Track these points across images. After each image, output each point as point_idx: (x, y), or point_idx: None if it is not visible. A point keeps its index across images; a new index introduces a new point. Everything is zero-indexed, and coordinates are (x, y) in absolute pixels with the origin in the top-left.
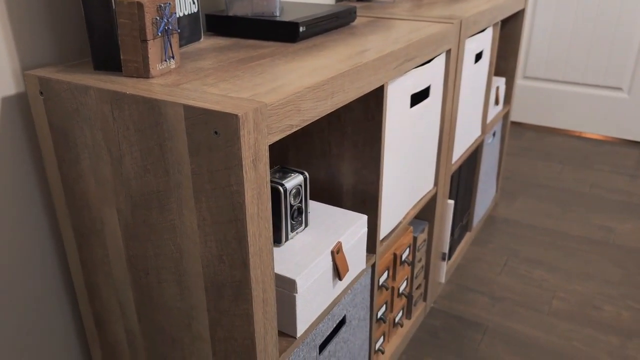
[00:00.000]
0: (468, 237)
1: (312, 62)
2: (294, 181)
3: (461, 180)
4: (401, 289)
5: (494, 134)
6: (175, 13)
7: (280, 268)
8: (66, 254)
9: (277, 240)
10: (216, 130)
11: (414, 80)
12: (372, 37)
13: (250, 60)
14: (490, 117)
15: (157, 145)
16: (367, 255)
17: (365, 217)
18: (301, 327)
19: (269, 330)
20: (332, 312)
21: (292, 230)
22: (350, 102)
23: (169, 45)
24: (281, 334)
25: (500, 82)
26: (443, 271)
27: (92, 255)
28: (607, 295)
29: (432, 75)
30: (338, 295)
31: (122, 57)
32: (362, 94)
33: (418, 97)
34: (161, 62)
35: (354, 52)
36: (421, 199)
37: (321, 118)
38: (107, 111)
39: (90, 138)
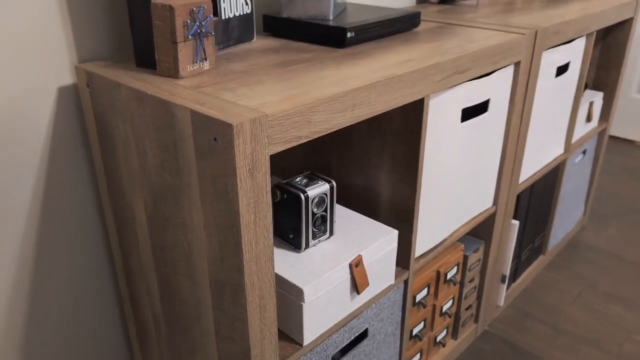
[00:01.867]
0: (541, 260)
1: (346, 70)
2: (318, 189)
3: (534, 199)
4: (445, 308)
5: (584, 152)
6: (210, 16)
7: (292, 275)
8: (109, 237)
9: (297, 246)
10: (215, 137)
11: (468, 94)
12: (426, 46)
13: (285, 65)
14: (578, 135)
15: (172, 144)
16: (398, 271)
17: (395, 232)
18: (309, 336)
19: (266, 336)
20: (350, 324)
21: (313, 238)
22: (391, 111)
23: (201, 47)
24: (289, 339)
25: (596, 96)
26: (502, 294)
27: (127, 240)
28: None
29: (492, 88)
30: (357, 309)
31: (156, 56)
32: (393, 107)
33: (472, 111)
34: (192, 63)
35: (396, 62)
36: (475, 217)
37: (362, 126)
38: (134, 108)
39: (123, 131)
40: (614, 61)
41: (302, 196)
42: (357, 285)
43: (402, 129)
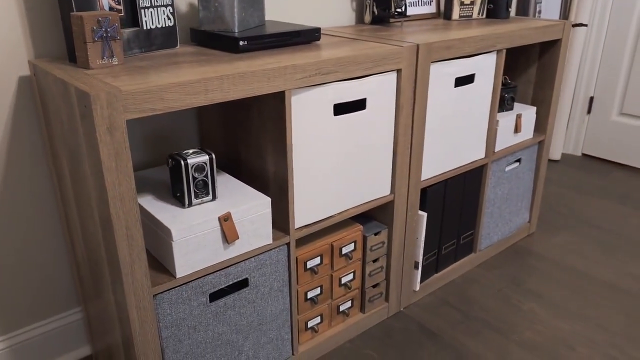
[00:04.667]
0: (472, 258)
1: (217, 67)
2: (198, 159)
3: (452, 197)
4: (344, 280)
5: (518, 161)
6: (116, 25)
7: (167, 220)
8: (55, 192)
9: (182, 203)
10: (85, 104)
11: (338, 92)
12: (307, 54)
13: (180, 63)
14: (505, 144)
15: (71, 112)
16: (279, 234)
17: (268, 199)
18: (181, 271)
19: (136, 260)
20: (227, 270)
21: (196, 198)
22: (270, 101)
23: (108, 47)
24: (167, 271)
25: (527, 110)
26: (416, 280)
27: (64, 193)
28: (589, 339)
29: (368, 90)
30: (232, 258)
31: (76, 53)
32: (249, 96)
33: (348, 107)
34: (101, 59)
35: (267, 62)
36: (370, 201)
37: (254, 114)
38: (55, 89)
39: (53, 106)
40: (548, 79)
41: (183, 163)
42: (226, 236)
43: (274, 116)
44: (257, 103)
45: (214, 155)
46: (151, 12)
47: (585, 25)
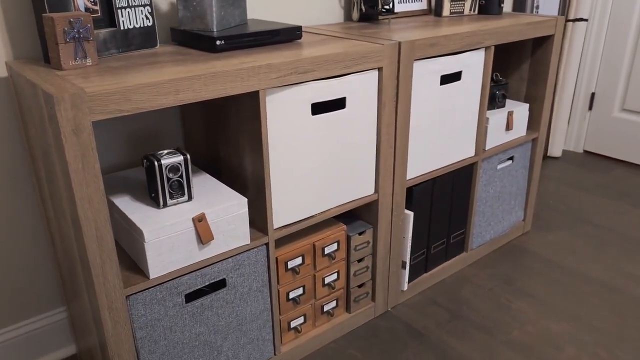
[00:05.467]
0: (464, 257)
1: (191, 67)
2: (172, 159)
3: (439, 195)
4: (328, 280)
5: (511, 159)
6: (88, 25)
7: (140, 221)
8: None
9: (157, 203)
10: (51, 106)
11: (316, 91)
12: (286, 52)
13: (153, 63)
14: (496, 141)
15: (41, 114)
16: (258, 235)
17: (244, 200)
18: (155, 271)
19: (106, 261)
20: (203, 271)
21: (171, 198)
22: (246, 101)
23: (81, 48)
24: (141, 272)
25: (520, 107)
26: (404, 279)
27: (43, 193)
28: (578, 339)
29: (347, 88)
30: (209, 258)
31: (49, 54)
32: (222, 95)
33: (325, 107)
34: (74, 60)
35: (240, 62)
36: (352, 201)
37: (231, 114)
38: (27, 90)
39: (27, 107)
40: (541, 76)
41: (156, 163)
42: (201, 237)
43: (250, 116)
44: (234, 102)
45: (188, 156)
46: (128, 12)
47: (586, 20)
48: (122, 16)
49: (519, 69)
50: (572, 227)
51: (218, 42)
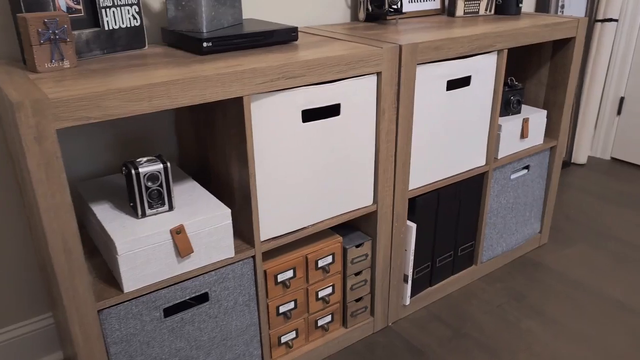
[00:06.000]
0: (473, 270)
1: (174, 70)
2: (151, 168)
3: (446, 206)
4: (322, 294)
5: (527, 168)
6: (65, 26)
7: (115, 232)
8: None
9: (136, 213)
10: (14, 112)
11: (308, 97)
12: (277, 55)
13: (135, 66)
14: (509, 150)
15: (9, 119)
16: (244, 247)
17: (228, 211)
18: (130, 285)
19: (76, 274)
20: (183, 284)
21: (150, 208)
22: (232, 106)
23: (57, 50)
24: (117, 285)
25: (537, 113)
26: (406, 294)
27: (24, 202)
28: None
29: (342, 94)
30: (189, 272)
31: (25, 56)
32: (202, 102)
33: (318, 114)
34: (50, 62)
35: (226, 66)
36: (349, 212)
37: (218, 121)
38: (1, 94)
39: (3, 110)
40: (561, 81)
41: (134, 172)
42: (179, 249)
43: (235, 122)
44: (221, 107)
45: (169, 164)
46: (113, 11)
47: (616, 20)
48: (107, 16)
49: (538, 73)
50: (592, 240)
51: (205, 44)
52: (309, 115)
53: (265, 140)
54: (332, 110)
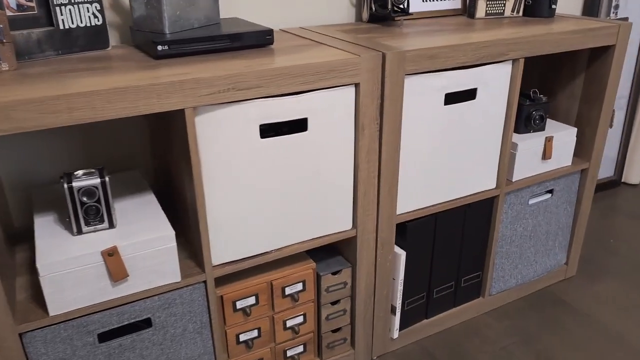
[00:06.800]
0: (480, 303)
1: (117, 77)
2: (86, 182)
3: (451, 235)
4: (290, 323)
5: (550, 192)
6: (1, 25)
7: (43, 248)
8: None
9: (72, 230)
10: None
11: (264, 111)
12: (239, 62)
13: (80, 70)
14: (527, 172)
15: None
16: (194, 271)
17: (172, 232)
18: (55, 308)
19: None
20: (120, 309)
21: (87, 225)
22: (177, 120)
23: None
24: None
25: (564, 131)
26: (394, 326)
27: None
28: None
29: (308, 108)
30: (126, 296)
31: None
32: (133, 114)
33: (280, 129)
34: None
35: (170, 74)
36: (323, 236)
37: (176, 137)
38: None
39: None
40: (597, 95)
41: (66, 186)
42: (111, 273)
43: (181, 136)
44: (172, 118)
45: (107, 179)
46: (70, 9)
47: None
48: (62, 14)
49: (571, 85)
50: (629, 275)
51: (160, 48)
52: (269, 130)
53: (217, 156)
54: (299, 125)
